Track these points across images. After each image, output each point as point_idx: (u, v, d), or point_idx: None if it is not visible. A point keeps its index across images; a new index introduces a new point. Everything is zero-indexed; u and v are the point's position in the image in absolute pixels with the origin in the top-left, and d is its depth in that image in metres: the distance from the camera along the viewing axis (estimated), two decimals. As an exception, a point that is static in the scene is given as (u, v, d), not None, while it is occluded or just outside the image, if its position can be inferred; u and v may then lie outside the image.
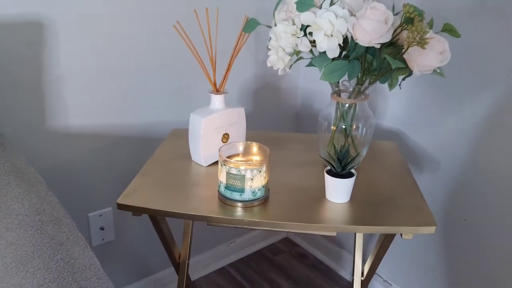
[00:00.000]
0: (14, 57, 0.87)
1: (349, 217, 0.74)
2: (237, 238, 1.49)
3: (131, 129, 1.09)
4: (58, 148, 0.99)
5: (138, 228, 1.21)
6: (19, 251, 0.55)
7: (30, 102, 0.92)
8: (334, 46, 0.77)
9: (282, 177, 0.86)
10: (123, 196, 0.77)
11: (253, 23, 0.86)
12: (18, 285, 0.50)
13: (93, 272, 0.54)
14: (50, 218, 0.62)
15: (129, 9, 0.98)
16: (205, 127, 0.85)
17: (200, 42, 0.88)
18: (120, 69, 1.02)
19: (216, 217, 0.73)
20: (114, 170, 1.10)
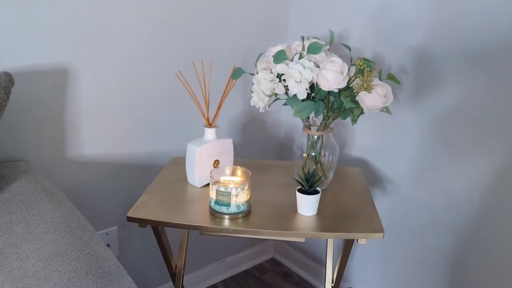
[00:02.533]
0: (41, 98, 1.06)
1: (316, 226, 0.92)
2: (227, 258, 1.65)
3: (136, 158, 1.27)
4: (74, 174, 1.17)
5: (139, 245, 1.37)
6: (56, 248, 0.72)
7: (53, 136, 1.10)
8: (302, 90, 0.97)
9: (263, 196, 1.04)
10: (132, 210, 0.95)
11: (239, 71, 1.06)
12: (57, 270, 0.67)
13: (112, 262, 0.71)
14: (77, 225, 0.80)
15: (138, 57, 1.19)
16: (199, 154, 1.03)
17: (197, 85, 1.08)
18: (129, 106, 1.21)
19: (207, 227, 0.90)
20: (120, 193, 1.27)
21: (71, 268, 0.67)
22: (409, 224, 1.26)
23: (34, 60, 1.02)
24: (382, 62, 1.23)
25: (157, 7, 1.18)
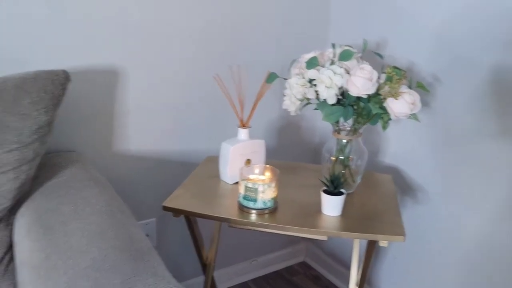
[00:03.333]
0: (94, 96, 1.17)
1: (338, 226, 0.95)
2: (259, 257, 1.70)
3: (175, 155, 1.36)
4: (119, 166, 1.27)
5: (176, 238, 1.46)
6: (98, 228, 0.80)
7: (102, 130, 1.21)
8: (332, 95, 1.01)
9: (291, 195, 1.09)
10: (168, 201, 1.02)
11: (273, 76, 1.12)
12: (97, 246, 0.75)
13: (144, 244, 0.79)
14: (118, 209, 0.88)
15: (182, 61, 1.28)
16: (232, 153, 1.10)
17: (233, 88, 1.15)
18: (170, 107, 1.30)
19: (235, 219, 0.96)
20: (159, 187, 1.36)
21: (109, 245, 0.75)
22: (438, 235, 1.26)
23: (89, 61, 1.13)
24: (417, 71, 1.25)
25: (203, 15, 1.26)
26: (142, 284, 0.66)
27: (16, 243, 0.86)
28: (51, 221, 0.83)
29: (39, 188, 0.95)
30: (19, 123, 0.86)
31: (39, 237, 0.79)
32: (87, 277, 0.68)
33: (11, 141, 0.85)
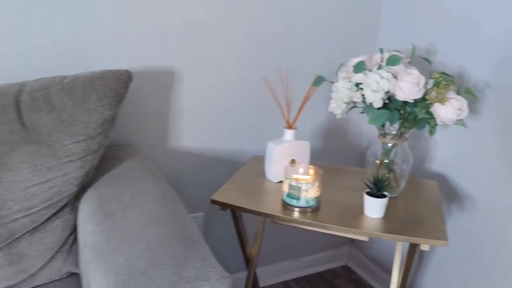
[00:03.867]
0: (151, 96, 1.26)
1: (380, 228, 0.97)
2: (301, 257, 1.73)
3: (223, 153, 1.43)
4: (172, 161, 1.35)
5: (221, 232, 1.52)
6: (153, 214, 0.87)
7: (158, 127, 1.30)
8: (378, 99, 1.03)
9: (334, 196, 1.11)
10: (216, 195, 1.09)
11: (320, 79, 1.15)
12: (152, 232, 0.82)
13: (194, 231, 0.85)
14: (170, 199, 0.95)
15: (233, 65, 1.34)
16: (277, 153, 1.14)
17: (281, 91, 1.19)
18: (221, 108, 1.37)
19: (279, 216, 1.01)
20: (207, 183, 1.43)
21: (162, 231, 0.82)
22: (486, 247, 1.23)
23: (149, 62, 1.22)
24: (468, 77, 1.23)
25: (256, 22, 1.32)
26: (191, 267, 0.72)
27: (79, 226, 0.95)
28: (112, 207, 0.91)
29: (101, 177, 1.04)
30: (87, 117, 0.96)
31: (101, 221, 0.88)
32: (142, 258, 0.75)
33: (79, 133, 0.95)
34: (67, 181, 0.94)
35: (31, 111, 0.92)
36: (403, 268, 1.16)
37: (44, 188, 0.91)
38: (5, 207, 0.87)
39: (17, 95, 0.94)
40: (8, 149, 0.88)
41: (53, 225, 0.94)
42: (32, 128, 0.91)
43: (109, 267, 0.75)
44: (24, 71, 1.08)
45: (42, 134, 0.91)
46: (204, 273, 0.71)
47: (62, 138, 0.93)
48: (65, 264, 0.95)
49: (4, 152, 0.88)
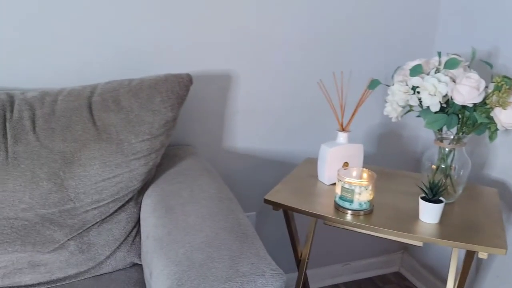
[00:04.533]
0: (209, 98, 1.31)
1: (435, 233, 0.95)
2: (352, 261, 1.72)
3: (275, 154, 1.46)
4: (227, 161, 1.40)
5: (272, 232, 1.55)
6: (209, 210, 0.92)
7: (214, 128, 1.35)
8: (435, 102, 1.02)
9: (387, 200, 1.11)
10: (268, 195, 1.12)
11: (375, 82, 1.15)
12: (209, 226, 0.86)
13: (249, 228, 0.88)
14: (226, 197, 0.99)
15: (287, 68, 1.37)
16: (330, 155, 1.16)
17: (335, 93, 1.20)
18: (275, 110, 1.40)
19: (331, 217, 1.02)
20: (260, 183, 1.47)
21: (219, 226, 0.86)
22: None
23: (208, 66, 1.28)
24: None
25: (311, 25, 1.34)
26: (246, 262, 0.75)
27: (142, 219, 1.02)
28: (172, 202, 0.97)
29: (162, 174, 1.11)
30: (151, 118, 1.02)
31: (162, 215, 0.94)
32: (201, 250, 0.79)
33: (144, 133, 1.02)
34: (132, 177, 1.01)
35: (101, 111, 1.00)
36: (459, 277, 1.13)
37: (112, 183, 0.98)
38: (77, 199, 0.96)
39: (89, 96, 1.02)
40: (81, 146, 0.96)
41: (119, 218, 1.01)
42: (103, 127, 0.99)
43: (170, 258, 0.80)
44: (96, 74, 1.17)
45: (111, 133, 0.99)
46: (259, 268, 0.74)
47: (129, 137, 1.00)
48: (128, 254, 1.02)
49: (77, 148, 0.96)
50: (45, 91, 1.03)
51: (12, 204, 0.90)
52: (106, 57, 1.17)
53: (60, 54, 1.13)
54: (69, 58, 1.14)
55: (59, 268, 0.95)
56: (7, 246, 0.91)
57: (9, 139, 0.93)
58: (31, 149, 0.93)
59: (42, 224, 0.93)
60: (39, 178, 0.92)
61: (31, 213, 0.92)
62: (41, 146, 0.94)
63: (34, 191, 0.91)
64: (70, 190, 0.94)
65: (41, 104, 0.99)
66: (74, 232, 0.96)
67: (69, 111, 0.98)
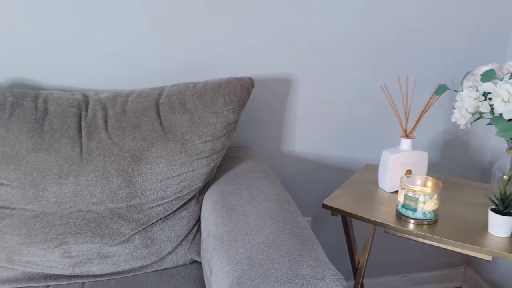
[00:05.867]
0: (269, 101, 1.33)
1: (507, 247, 0.90)
2: (410, 274, 1.65)
3: (333, 160, 1.44)
4: (284, 164, 1.41)
5: (328, 239, 1.53)
6: (268, 212, 0.93)
7: (273, 132, 1.36)
8: (509, 109, 0.96)
9: (453, 210, 1.06)
10: (327, 200, 1.11)
11: (443, 87, 1.11)
12: (269, 227, 0.87)
13: (308, 232, 0.88)
14: (285, 199, 1.00)
15: (348, 73, 1.35)
16: (393, 162, 1.13)
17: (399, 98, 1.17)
18: (334, 115, 1.38)
19: (392, 226, 0.99)
20: (316, 188, 1.46)
21: (279, 228, 0.86)
22: None
23: (269, 70, 1.30)
24: None
25: (375, 28, 1.32)
26: (306, 265, 0.75)
27: (203, 217, 1.05)
28: (232, 202, 0.99)
29: (222, 175, 1.13)
30: (214, 119, 1.05)
31: (222, 214, 0.96)
32: (261, 250, 0.80)
33: (207, 134, 1.05)
34: (194, 177, 1.04)
35: (168, 112, 1.05)
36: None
37: (176, 181, 1.02)
38: (144, 195, 1.00)
39: (157, 98, 1.07)
40: (149, 145, 1.01)
41: (181, 215, 1.05)
42: (169, 127, 1.03)
43: (230, 256, 0.82)
44: (164, 77, 1.23)
45: (177, 133, 1.03)
46: (319, 272, 0.74)
47: (193, 137, 1.03)
48: (189, 251, 1.05)
49: (145, 147, 1.01)
50: (117, 92, 1.09)
51: (85, 197, 0.97)
52: (175, 61, 1.22)
53: (132, 59, 1.19)
54: (141, 63, 1.20)
55: (125, 260, 1.00)
56: (79, 237, 0.97)
57: (83, 137, 0.99)
58: (103, 146, 0.99)
59: (110, 217, 0.98)
60: (109, 174, 0.98)
61: (101, 206, 0.97)
62: (112, 144, 0.99)
63: (104, 186, 0.97)
64: (137, 187, 0.99)
65: (113, 104, 1.05)
66: (139, 227, 1.00)
67: (139, 111, 1.03)
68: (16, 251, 0.95)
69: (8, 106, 0.98)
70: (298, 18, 1.26)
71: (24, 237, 0.95)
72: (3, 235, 0.94)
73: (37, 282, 0.97)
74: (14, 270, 0.96)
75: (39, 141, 0.96)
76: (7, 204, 0.95)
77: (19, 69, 1.13)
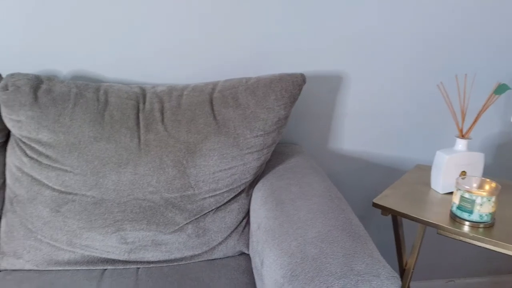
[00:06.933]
0: (319, 98, 1.33)
1: None
2: (456, 279, 1.61)
3: (382, 159, 1.42)
4: (331, 162, 1.40)
5: (374, 239, 1.51)
6: (320, 207, 0.93)
7: (322, 129, 1.36)
8: None
9: (510, 214, 1.02)
10: (377, 199, 1.10)
11: (503, 87, 1.07)
12: (321, 222, 0.87)
13: (361, 229, 0.87)
14: (336, 196, 1.00)
15: (401, 71, 1.33)
16: (447, 163, 1.10)
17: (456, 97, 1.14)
18: (385, 114, 1.36)
19: (446, 227, 0.97)
20: (363, 188, 1.44)
21: (331, 224, 0.87)
22: None
23: (320, 66, 1.29)
24: None
25: (431, 24, 1.29)
26: (361, 262, 0.75)
27: (252, 211, 1.06)
28: (282, 197, 1.00)
29: (271, 170, 1.14)
30: (265, 115, 1.07)
31: (273, 208, 0.97)
32: (314, 245, 0.81)
33: (259, 129, 1.06)
34: (245, 170, 1.06)
35: (221, 106, 1.07)
36: None
37: (227, 174, 1.04)
38: (197, 186, 1.03)
39: (211, 92, 1.10)
40: (203, 138, 1.04)
41: (232, 207, 1.07)
42: (222, 121, 1.05)
43: (283, 249, 0.83)
44: (218, 72, 1.25)
45: (229, 127, 1.05)
46: (374, 269, 0.74)
47: (245, 132, 1.05)
48: (238, 243, 1.07)
49: (199, 140, 1.03)
50: (172, 86, 1.12)
51: (142, 186, 1.00)
52: (227, 57, 1.24)
53: (187, 55, 1.22)
54: (195, 59, 1.23)
55: (178, 249, 1.03)
56: (136, 224, 1.01)
57: (141, 128, 1.03)
58: (160, 138, 1.02)
59: (165, 207, 1.02)
60: (165, 165, 1.01)
61: (157, 196, 1.01)
62: (169, 136, 1.03)
63: (161, 176, 1.01)
64: (191, 178, 1.02)
65: (169, 97, 1.08)
66: (192, 216, 1.03)
67: (193, 105, 1.06)
68: (76, 235, 1.00)
69: (72, 97, 1.03)
70: (350, 14, 1.25)
71: (84, 222, 1.00)
72: (66, 219, 1.00)
73: (94, 266, 1.02)
74: (74, 253, 1.01)
75: (100, 130, 1.00)
76: (70, 190, 1.00)
77: (81, 62, 1.19)
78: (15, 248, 1.01)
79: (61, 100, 1.01)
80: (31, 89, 1.01)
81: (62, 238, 1.00)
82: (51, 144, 1.00)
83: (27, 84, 1.01)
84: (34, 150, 1.01)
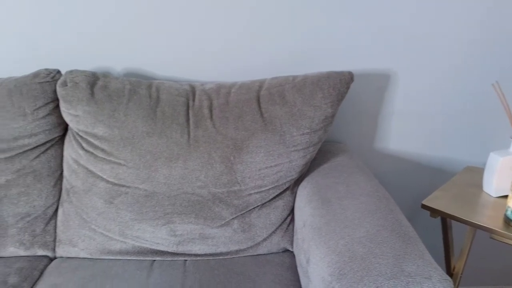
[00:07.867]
0: (365, 96, 1.31)
1: None
2: (507, 286, 1.54)
3: (429, 160, 1.38)
4: (377, 162, 1.38)
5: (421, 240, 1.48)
6: (367, 207, 0.92)
7: (368, 127, 1.34)
8: None
9: None
10: (426, 200, 1.07)
11: None
12: (369, 222, 0.87)
13: (411, 230, 0.86)
14: (383, 196, 0.98)
15: (451, 71, 1.29)
16: (501, 165, 1.06)
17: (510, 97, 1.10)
18: (434, 114, 1.33)
19: (500, 231, 0.93)
20: (410, 188, 1.41)
21: (379, 224, 0.86)
22: None
23: (367, 65, 1.28)
24: None
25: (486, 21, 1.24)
26: (411, 263, 0.74)
27: (297, 208, 1.07)
28: (328, 195, 1.00)
29: (316, 168, 1.14)
30: (312, 113, 1.07)
31: (319, 206, 0.97)
32: (362, 244, 0.80)
33: (305, 127, 1.06)
34: (291, 168, 1.06)
35: (268, 104, 1.08)
36: None
37: (273, 171, 1.05)
38: (243, 182, 1.05)
39: (258, 90, 1.11)
40: (250, 135, 1.05)
41: (276, 204, 1.08)
42: (269, 118, 1.06)
43: (330, 247, 0.83)
44: (266, 69, 1.27)
45: (276, 124, 1.06)
46: (425, 271, 0.72)
47: (291, 129, 1.06)
48: (282, 240, 1.08)
49: (246, 136, 1.05)
50: (220, 84, 1.14)
51: (191, 181, 1.03)
52: (275, 54, 1.25)
53: (234, 54, 1.24)
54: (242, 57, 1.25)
55: (224, 243, 1.05)
56: (184, 217, 1.04)
57: (191, 124, 1.06)
58: (208, 134, 1.05)
59: (213, 201, 1.04)
60: (213, 161, 1.03)
61: (205, 190, 1.03)
62: (217, 132, 1.05)
63: (209, 171, 1.03)
64: (238, 174, 1.04)
65: (217, 95, 1.10)
66: (238, 212, 1.05)
67: (241, 102, 1.08)
68: (128, 226, 1.04)
69: (127, 93, 1.07)
70: (400, 11, 1.23)
71: (136, 214, 1.04)
72: (119, 211, 1.04)
73: (144, 256, 1.05)
74: (126, 243, 1.05)
75: (153, 126, 1.04)
76: (123, 183, 1.04)
77: (133, 60, 1.23)
78: (71, 237, 1.06)
79: (116, 96, 1.06)
80: (88, 85, 1.06)
81: (115, 229, 1.05)
82: (106, 138, 1.04)
83: (84, 81, 1.06)
84: (90, 144, 1.06)
